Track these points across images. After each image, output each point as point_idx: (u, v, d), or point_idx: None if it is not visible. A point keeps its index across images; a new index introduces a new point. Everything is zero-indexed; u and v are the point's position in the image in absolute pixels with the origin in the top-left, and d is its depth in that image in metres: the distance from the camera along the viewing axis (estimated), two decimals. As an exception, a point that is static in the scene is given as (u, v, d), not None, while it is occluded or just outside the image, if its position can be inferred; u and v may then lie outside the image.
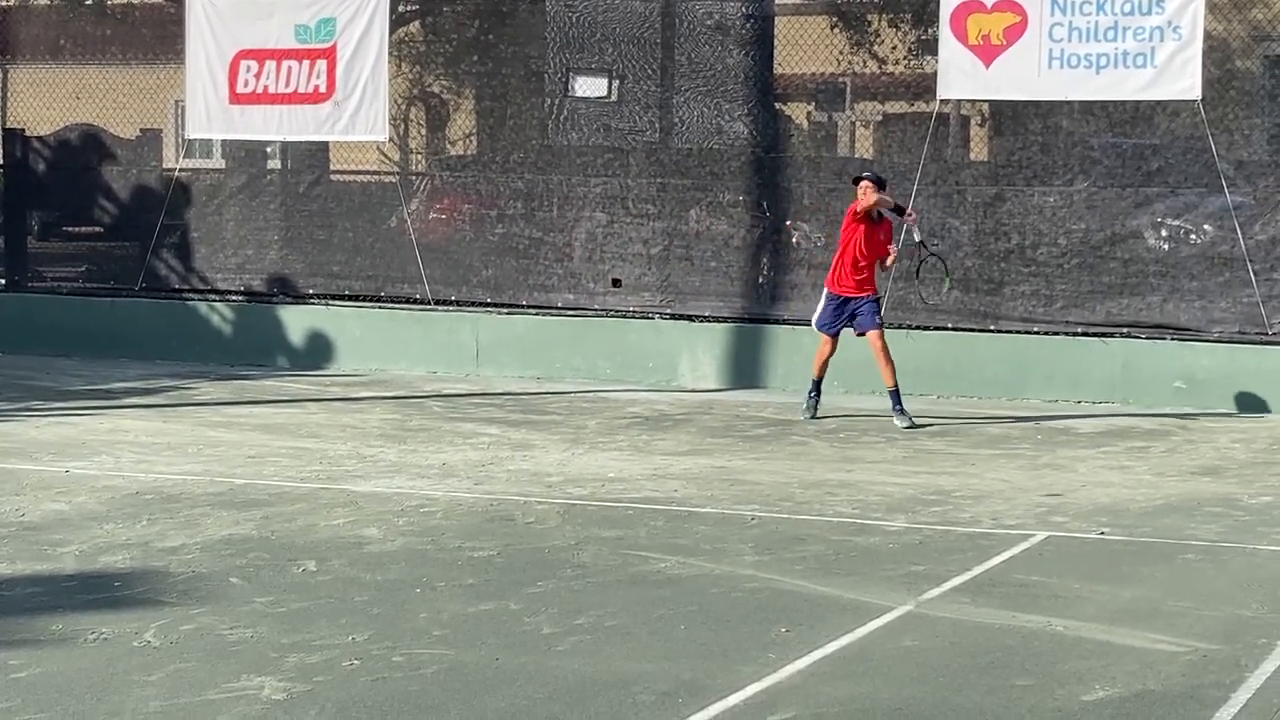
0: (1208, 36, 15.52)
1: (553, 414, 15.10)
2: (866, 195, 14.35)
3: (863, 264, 14.44)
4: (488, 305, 17.96)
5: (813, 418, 14.68)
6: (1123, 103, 15.88)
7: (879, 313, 14.58)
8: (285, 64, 18.29)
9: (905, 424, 14.23)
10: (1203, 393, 15.49)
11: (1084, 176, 16.13)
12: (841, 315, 14.57)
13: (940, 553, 9.65)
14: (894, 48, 17.59)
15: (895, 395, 14.37)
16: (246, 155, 19.42)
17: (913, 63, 17.68)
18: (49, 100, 19.90)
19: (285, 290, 18.77)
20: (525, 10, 18.17)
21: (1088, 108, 16.04)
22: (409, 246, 18.22)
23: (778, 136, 17.50)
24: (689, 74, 17.40)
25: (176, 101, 19.56)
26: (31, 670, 7.31)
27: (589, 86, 17.83)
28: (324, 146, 19.14)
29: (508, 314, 17.87)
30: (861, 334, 14.53)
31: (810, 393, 14.87)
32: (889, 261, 14.70)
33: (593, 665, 7.47)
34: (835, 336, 14.64)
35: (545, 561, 9.39)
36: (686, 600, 8.57)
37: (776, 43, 17.53)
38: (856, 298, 14.48)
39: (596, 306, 17.65)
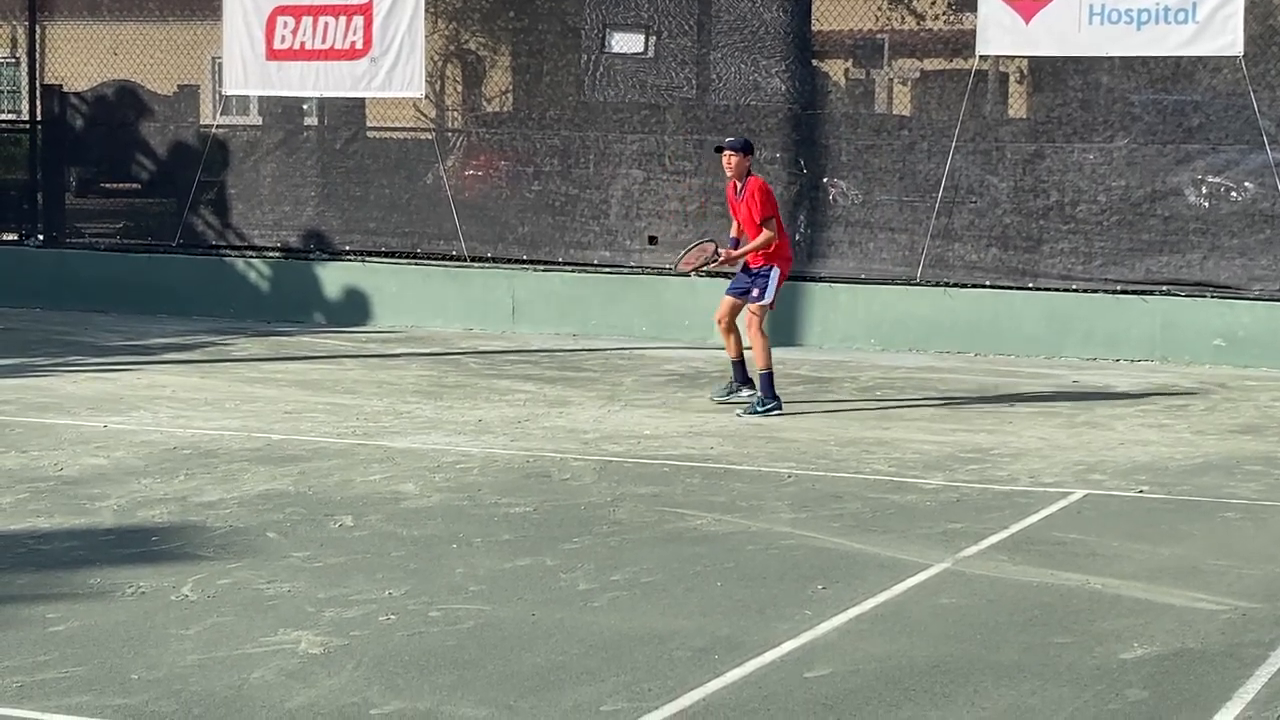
0: (1250, -9, 15.39)
1: (589, 371, 15.09)
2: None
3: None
4: (524, 262, 17.95)
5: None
6: (1163, 58, 15.75)
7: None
8: (322, 20, 18.27)
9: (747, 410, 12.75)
10: (1243, 350, 15.40)
11: (1124, 133, 16.02)
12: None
13: (978, 510, 9.62)
14: (933, 3, 17.48)
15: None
16: (283, 112, 19.42)
17: (951, 18, 17.57)
18: (86, 56, 19.91)
19: (322, 247, 18.78)
20: (562, -35, 18.12)
21: (1128, 63, 15.91)
22: (445, 203, 18.21)
23: (815, 93, 17.42)
24: (726, 30, 17.31)
25: (213, 58, 19.56)
26: (69, 623, 7.34)
27: (626, 42, 17.76)
28: (360, 103, 19.13)
29: (544, 271, 17.85)
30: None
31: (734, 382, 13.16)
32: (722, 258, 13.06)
33: (629, 621, 7.47)
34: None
35: (581, 518, 9.39)
36: (723, 557, 8.56)
37: (814, -2, 17.45)
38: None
39: (633, 264, 17.62)
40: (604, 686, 6.60)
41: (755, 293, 12.82)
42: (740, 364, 13.11)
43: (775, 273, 12.83)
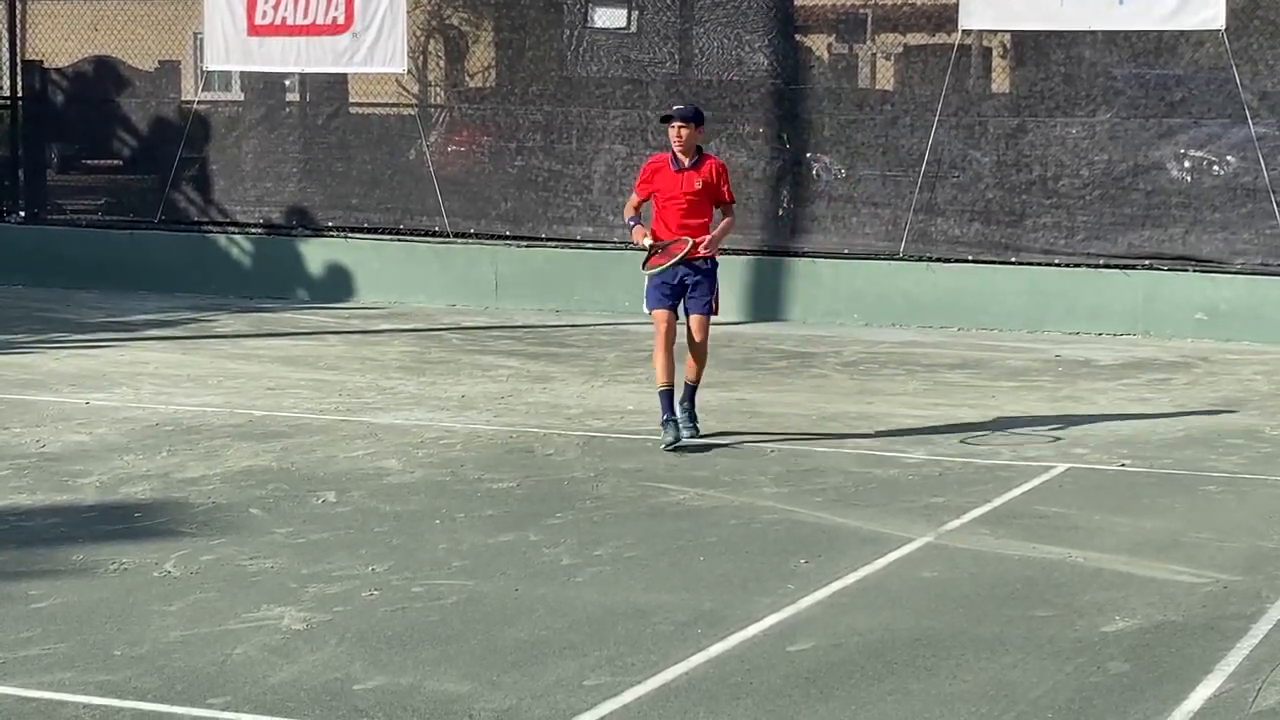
0: (1232, -34, 15.39)
1: (572, 347, 15.08)
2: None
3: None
4: (507, 238, 17.92)
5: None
6: (1146, 32, 15.75)
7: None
8: (303, -5, 18.21)
9: (682, 436, 10.63)
10: (1225, 324, 15.43)
11: (1107, 107, 16.02)
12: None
13: (960, 484, 9.64)
14: (916, -22, 17.48)
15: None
16: (265, 87, 19.36)
17: (934, -8, 17.55)
18: (67, 32, 19.84)
19: (304, 223, 18.74)
20: (544, -60, 18.07)
21: (1111, 38, 15.91)
22: (428, 179, 18.17)
23: (798, 68, 17.40)
24: (709, 5, 17.29)
25: (195, 33, 19.49)
26: (52, 600, 7.33)
27: (608, 18, 17.73)
28: (342, 78, 19.07)
29: (527, 247, 17.83)
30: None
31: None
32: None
33: (612, 596, 7.47)
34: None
35: (564, 493, 9.40)
36: (705, 532, 8.57)
37: (797, -27, 17.43)
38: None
39: (616, 239, 17.59)
40: (587, 661, 6.61)
41: (710, 303, 10.64)
42: (670, 392, 10.69)
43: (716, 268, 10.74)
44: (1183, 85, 15.79)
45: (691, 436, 10.69)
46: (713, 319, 10.78)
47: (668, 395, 10.63)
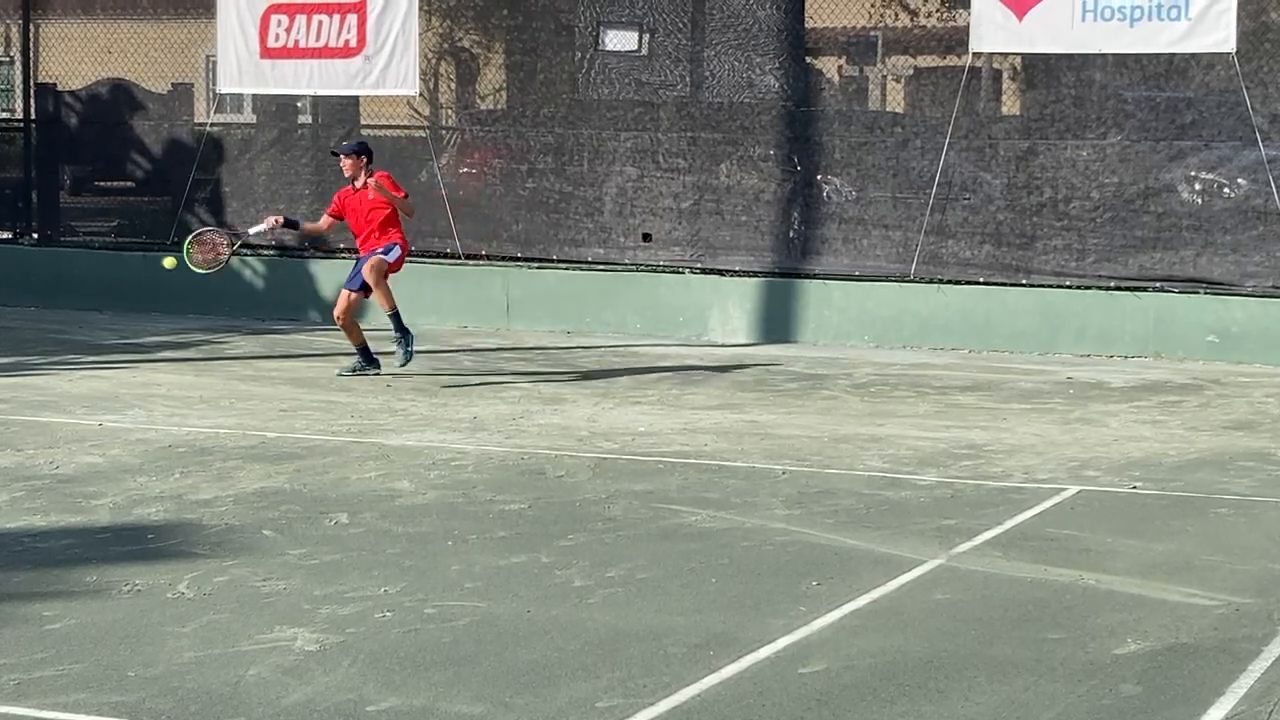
0: (1243, -12, 15.41)
1: (583, 368, 15.11)
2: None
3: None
4: (518, 260, 17.96)
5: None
6: (1157, 55, 15.78)
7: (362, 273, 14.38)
8: (316, 18, 18.27)
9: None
10: (1236, 347, 15.44)
11: (1117, 130, 16.04)
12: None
13: (972, 507, 9.65)
14: (926, 0, 17.50)
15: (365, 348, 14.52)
16: (277, 110, 19.42)
17: (945, 15, 17.59)
18: (80, 55, 19.92)
19: (316, 245, 18.78)
20: (556, -37, 18.12)
21: (1121, 60, 15.94)
22: (439, 201, 18.22)
23: (809, 90, 17.43)
24: (720, 27, 17.33)
25: (207, 56, 19.56)
26: (66, 621, 7.35)
27: (619, 40, 17.77)
28: (354, 101, 19.13)
29: (538, 268, 17.86)
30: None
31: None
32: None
33: (624, 618, 7.48)
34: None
35: (576, 515, 9.41)
36: (717, 553, 8.58)
37: (808, -5, 17.46)
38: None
39: (627, 261, 17.63)
40: (599, 683, 6.62)
41: (380, 251, 14.25)
42: (366, 348, 14.40)
43: (398, 246, 14.44)
44: (1193, 108, 15.81)
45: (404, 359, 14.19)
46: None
47: (361, 350, 14.42)
